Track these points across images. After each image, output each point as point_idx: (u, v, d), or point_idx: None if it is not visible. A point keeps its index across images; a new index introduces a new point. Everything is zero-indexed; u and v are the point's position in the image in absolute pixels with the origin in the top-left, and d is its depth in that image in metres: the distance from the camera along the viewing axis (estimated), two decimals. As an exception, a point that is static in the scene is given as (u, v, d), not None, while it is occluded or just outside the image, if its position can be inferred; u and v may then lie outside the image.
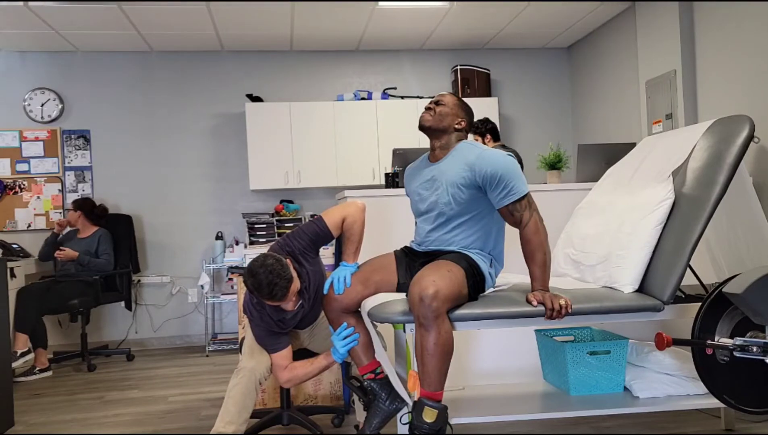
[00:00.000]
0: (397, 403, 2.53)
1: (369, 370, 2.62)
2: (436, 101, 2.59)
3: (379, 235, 3.33)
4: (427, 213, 2.57)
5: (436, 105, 2.58)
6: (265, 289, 2.55)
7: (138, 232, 5.87)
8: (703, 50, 4.58)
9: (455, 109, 2.57)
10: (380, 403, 2.54)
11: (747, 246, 2.66)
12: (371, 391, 2.57)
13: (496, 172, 2.37)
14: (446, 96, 2.62)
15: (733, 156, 2.40)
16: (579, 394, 2.65)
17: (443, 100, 2.59)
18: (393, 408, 2.53)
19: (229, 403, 2.73)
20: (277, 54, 6.22)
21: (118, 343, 5.86)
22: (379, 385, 2.56)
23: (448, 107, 2.56)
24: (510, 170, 2.39)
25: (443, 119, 2.55)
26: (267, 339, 2.83)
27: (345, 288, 2.53)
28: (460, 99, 2.65)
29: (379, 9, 5.21)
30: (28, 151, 5.85)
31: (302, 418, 3.19)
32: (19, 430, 3.50)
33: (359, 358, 2.64)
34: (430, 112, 2.57)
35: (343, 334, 2.60)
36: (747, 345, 2.14)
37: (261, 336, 2.84)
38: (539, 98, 6.56)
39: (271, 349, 2.84)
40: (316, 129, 5.89)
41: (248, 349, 2.87)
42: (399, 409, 2.52)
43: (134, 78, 6.03)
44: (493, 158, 2.41)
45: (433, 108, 2.57)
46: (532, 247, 2.37)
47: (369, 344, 2.65)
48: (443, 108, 2.56)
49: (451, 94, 2.65)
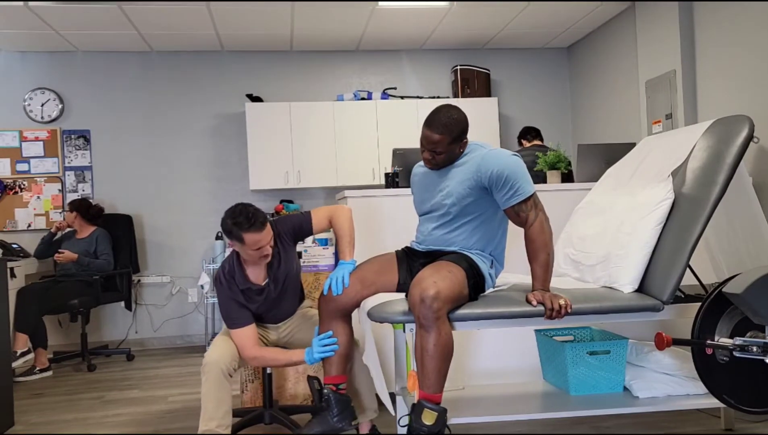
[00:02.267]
0: (344, 424, 2.51)
1: (333, 382, 2.57)
2: (431, 150, 2.44)
3: (379, 235, 3.33)
4: (432, 212, 2.57)
5: (431, 153, 2.46)
6: (243, 215, 2.62)
7: (138, 232, 5.87)
8: (703, 50, 4.58)
9: (452, 145, 2.43)
10: (329, 416, 2.51)
11: (747, 246, 2.66)
12: (326, 401, 2.53)
13: (502, 172, 2.36)
14: (436, 139, 2.40)
15: (732, 156, 2.40)
16: (579, 394, 2.65)
17: (436, 147, 2.42)
18: (338, 426, 2.51)
19: (204, 401, 2.71)
20: (277, 54, 6.22)
21: (118, 343, 5.86)
22: (336, 398, 2.53)
23: (443, 148, 2.42)
24: (515, 170, 2.38)
25: (449, 160, 2.48)
26: (232, 311, 2.80)
27: (344, 288, 2.52)
28: (449, 126, 2.40)
29: (379, 9, 5.21)
30: (28, 151, 5.85)
31: (284, 417, 3.16)
32: (19, 430, 3.51)
33: (330, 367, 2.59)
34: (432, 161, 2.48)
35: (324, 341, 2.58)
36: (747, 345, 2.14)
37: (227, 307, 2.80)
38: (539, 98, 6.56)
39: (235, 323, 2.79)
40: (316, 129, 5.89)
41: (212, 345, 2.84)
42: (344, 430, 2.50)
43: (134, 78, 6.03)
44: (499, 158, 2.40)
45: (432, 157, 2.46)
46: (536, 247, 2.36)
47: (346, 357, 2.62)
48: (441, 156, 2.45)
49: (439, 134, 2.39)
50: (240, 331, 2.80)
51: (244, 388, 3.57)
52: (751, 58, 4.10)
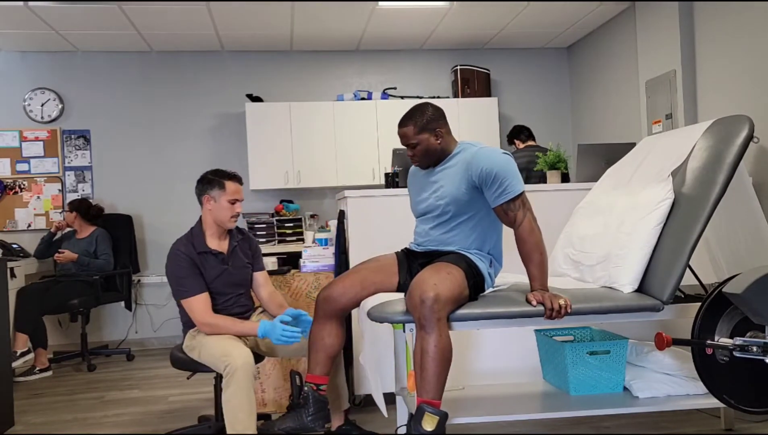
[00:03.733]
0: (317, 425, 2.50)
1: (315, 382, 2.54)
2: (405, 145, 2.52)
3: (378, 235, 3.33)
4: (427, 213, 2.57)
5: (410, 149, 2.52)
6: (223, 170, 2.97)
7: (138, 232, 5.88)
8: (703, 50, 4.58)
9: (422, 135, 2.47)
10: (304, 414, 2.50)
11: (746, 246, 2.66)
12: (305, 398, 2.52)
13: (492, 169, 2.37)
14: (405, 132, 2.49)
15: (732, 156, 2.40)
16: (579, 394, 2.65)
17: (409, 141, 2.49)
18: (310, 426, 2.50)
19: (235, 410, 2.59)
20: (277, 54, 6.22)
21: (118, 343, 5.86)
22: (314, 398, 2.52)
23: (416, 141, 2.48)
24: (505, 168, 2.38)
25: (428, 152, 2.51)
26: (188, 278, 2.81)
27: (343, 288, 2.51)
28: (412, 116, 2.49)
29: (379, 9, 5.20)
30: (28, 151, 5.85)
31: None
32: (19, 430, 3.51)
33: (315, 365, 2.55)
34: (414, 158, 2.54)
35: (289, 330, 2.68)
36: (747, 345, 2.14)
37: (182, 274, 2.82)
38: (539, 98, 6.56)
39: (188, 292, 2.81)
40: (316, 129, 5.89)
41: (221, 349, 2.69)
42: (314, 430, 2.50)
43: (134, 78, 6.03)
44: (489, 156, 2.40)
45: (413, 154, 2.53)
46: (529, 248, 2.36)
47: (333, 359, 2.58)
48: (417, 148, 2.49)
49: (405, 125, 2.49)
50: (195, 299, 2.81)
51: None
52: (751, 58, 4.10)
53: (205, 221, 2.95)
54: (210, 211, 2.92)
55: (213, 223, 2.94)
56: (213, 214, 2.92)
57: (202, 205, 2.95)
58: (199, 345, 2.82)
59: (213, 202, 2.91)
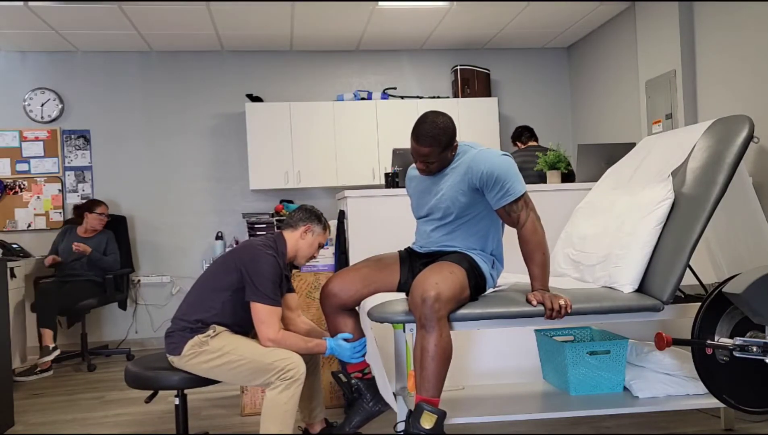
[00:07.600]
0: (381, 406, 2.53)
1: (357, 369, 2.61)
2: (423, 161, 2.44)
3: (378, 235, 3.33)
4: (429, 215, 2.57)
5: (426, 165, 2.45)
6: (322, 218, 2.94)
7: (138, 232, 5.88)
8: (703, 50, 4.58)
9: (443, 154, 2.42)
10: (364, 403, 2.55)
11: (747, 246, 2.66)
12: (357, 390, 2.57)
13: (492, 172, 2.36)
14: (425, 152, 2.39)
15: (732, 156, 2.40)
16: (579, 394, 2.65)
17: (428, 158, 2.42)
18: (376, 410, 2.54)
19: (290, 412, 2.54)
20: (277, 54, 6.22)
21: (118, 343, 5.86)
22: (365, 385, 2.57)
23: (434, 158, 2.42)
24: (506, 170, 2.38)
25: (442, 165, 2.47)
26: (277, 288, 2.68)
27: (342, 283, 2.55)
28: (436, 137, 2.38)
29: (379, 9, 5.20)
30: (28, 151, 5.85)
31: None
32: (19, 430, 3.50)
33: None
34: (426, 170, 2.48)
35: (359, 349, 2.62)
36: (747, 345, 2.14)
37: (276, 280, 2.67)
38: (539, 98, 6.56)
39: (275, 301, 2.65)
40: (316, 129, 5.89)
41: (274, 353, 2.58)
42: (382, 411, 2.54)
43: (134, 78, 6.03)
44: (489, 159, 2.40)
45: (426, 167, 2.46)
46: (531, 248, 2.36)
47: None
48: (434, 164, 2.44)
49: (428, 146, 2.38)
50: (275, 310, 2.63)
51: (244, 389, 3.56)
52: (751, 58, 4.10)
53: (289, 246, 2.83)
54: (301, 241, 2.83)
55: (292, 252, 2.84)
56: (299, 245, 2.83)
57: (294, 230, 2.84)
58: (231, 348, 2.63)
59: (309, 236, 2.84)
